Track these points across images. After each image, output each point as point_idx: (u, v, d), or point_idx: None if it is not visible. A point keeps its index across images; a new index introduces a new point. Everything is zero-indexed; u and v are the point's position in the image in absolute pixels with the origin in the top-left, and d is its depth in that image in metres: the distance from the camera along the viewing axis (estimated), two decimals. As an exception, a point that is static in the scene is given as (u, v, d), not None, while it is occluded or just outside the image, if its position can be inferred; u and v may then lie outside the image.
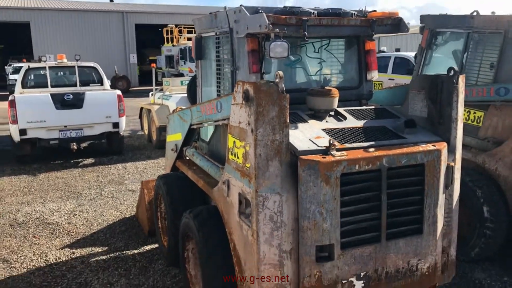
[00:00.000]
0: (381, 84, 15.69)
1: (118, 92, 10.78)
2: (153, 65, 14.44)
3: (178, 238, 4.21)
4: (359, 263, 3.07)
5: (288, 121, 2.86)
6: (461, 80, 3.38)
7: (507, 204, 4.67)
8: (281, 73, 2.79)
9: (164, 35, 31.32)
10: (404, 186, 3.16)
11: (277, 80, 2.80)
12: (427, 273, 3.31)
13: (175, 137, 5.10)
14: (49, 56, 25.11)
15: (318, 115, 3.54)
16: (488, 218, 4.61)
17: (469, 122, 5.21)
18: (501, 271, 4.82)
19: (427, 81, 3.53)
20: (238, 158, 3.12)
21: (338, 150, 3.01)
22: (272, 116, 2.82)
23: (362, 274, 3.09)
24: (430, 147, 3.21)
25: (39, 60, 11.56)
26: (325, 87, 3.51)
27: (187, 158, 4.92)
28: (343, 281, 3.03)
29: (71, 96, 10.14)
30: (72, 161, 10.65)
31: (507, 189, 4.68)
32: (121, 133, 10.87)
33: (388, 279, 3.18)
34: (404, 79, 14.19)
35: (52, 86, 11.23)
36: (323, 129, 3.31)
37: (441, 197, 3.29)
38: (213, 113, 3.77)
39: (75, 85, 11.43)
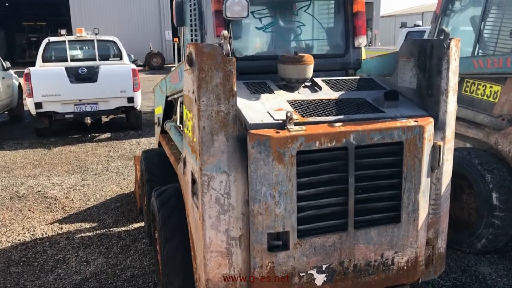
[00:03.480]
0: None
1: (133, 66, 10.63)
2: (176, 39, 14.19)
3: (151, 217, 3.95)
4: (320, 254, 2.69)
5: (235, 89, 2.48)
6: (454, 45, 2.88)
7: (521, 190, 4.13)
8: (225, 32, 2.41)
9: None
10: (377, 168, 2.74)
11: (222, 41, 2.42)
12: (405, 267, 2.90)
13: (158, 110, 4.81)
14: (87, 33, 25.45)
15: (290, 86, 3.14)
16: (497, 206, 4.09)
17: (484, 97, 4.64)
18: (510, 265, 4.30)
19: (416, 46, 3.05)
20: (189, 131, 2.78)
21: (297, 124, 2.62)
22: (216, 83, 2.45)
23: (324, 266, 2.71)
24: (410, 122, 2.76)
25: (59, 34, 11.49)
26: (298, 53, 3.08)
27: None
28: (301, 274, 2.67)
29: (85, 70, 10.06)
30: (89, 136, 10.64)
31: (521, 173, 4.13)
32: (138, 108, 10.72)
33: (356, 273, 2.79)
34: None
35: (71, 60, 11.21)
36: (288, 101, 2.91)
37: (424, 181, 2.85)
38: (177, 83, 3.44)
39: (94, 59, 11.36)
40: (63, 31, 11.60)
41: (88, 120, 10.16)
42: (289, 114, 2.58)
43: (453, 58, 2.88)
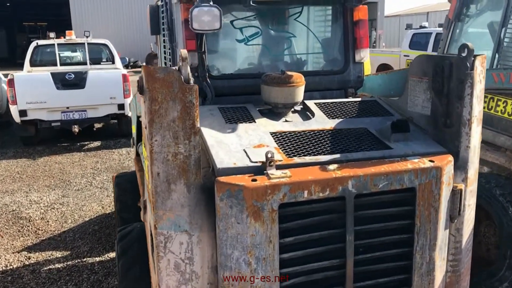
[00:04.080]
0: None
1: (124, 71, 10.09)
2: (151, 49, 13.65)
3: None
4: (311, 331, 2.12)
5: (197, 125, 1.92)
6: (479, 64, 2.31)
7: (550, 226, 3.54)
8: (184, 52, 1.84)
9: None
10: (383, 221, 2.17)
11: (180, 64, 1.85)
12: None
13: (133, 129, 4.25)
14: (87, 33, 25.04)
15: (276, 111, 2.57)
16: (522, 245, 3.50)
17: (505, 115, 4.04)
18: (537, 313, 3.70)
19: (430, 64, 2.47)
20: (146, 173, 2.22)
21: (280, 167, 2.05)
22: (173, 117, 1.89)
23: None
24: (425, 163, 2.19)
25: (48, 37, 10.99)
26: (286, 72, 2.51)
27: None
28: None
29: (73, 76, 9.54)
30: (78, 144, 10.11)
31: (550, 207, 3.54)
32: (129, 115, 10.19)
33: None
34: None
35: (61, 64, 10.74)
36: (272, 133, 2.34)
37: (442, 235, 2.27)
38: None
39: (85, 63, 10.89)
40: (52, 34, 11.08)
41: (76, 129, 9.62)
42: (270, 155, 2.01)
43: (478, 81, 2.31)
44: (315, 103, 2.70)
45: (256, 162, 2.04)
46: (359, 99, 2.86)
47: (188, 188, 1.94)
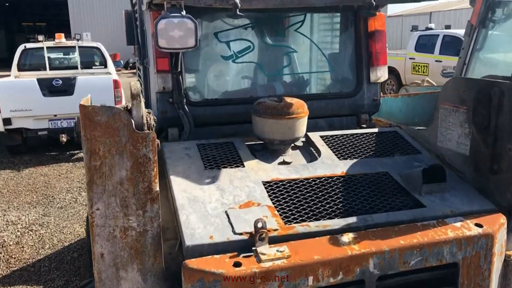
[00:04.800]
0: (426, 66, 13.78)
1: (114, 77, 9.56)
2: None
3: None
4: None
5: (156, 188, 1.35)
6: (541, 93, 1.74)
7: None
8: (135, 87, 1.28)
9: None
10: (415, 310, 1.60)
11: (129, 105, 1.29)
12: None
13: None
14: (86, 34, 24.55)
15: (271, 148, 2.01)
16: None
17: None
18: None
19: (471, 89, 1.90)
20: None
21: (274, 240, 1.48)
22: (121, 178, 1.32)
23: None
24: (471, 228, 1.62)
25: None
26: (283, 98, 1.95)
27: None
28: None
29: (60, 82, 9.03)
30: (67, 153, 9.58)
31: None
32: (121, 123, 9.64)
33: None
34: (454, 61, 12.32)
35: (50, 69, 10.26)
36: (265, 183, 1.78)
37: (491, 321, 1.70)
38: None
39: (76, 67, 10.41)
40: (40, 37, 10.59)
41: (64, 138, 9.11)
42: (260, 225, 1.44)
43: (539, 115, 1.74)
44: (321, 136, 2.14)
45: (241, 234, 1.48)
46: (375, 129, 2.29)
47: (143, 276, 1.38)
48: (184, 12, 1.83)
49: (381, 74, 2.52)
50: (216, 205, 1.62)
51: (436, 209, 1.71)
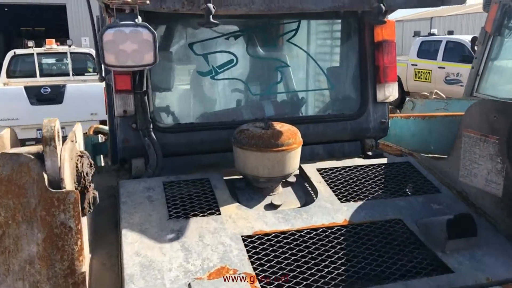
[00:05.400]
0: (429, 73, 13.48)
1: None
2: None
3: None
4: None
5: (81, 268, 0.97)
6: None
7: None
8: (48, 126, 0.90)
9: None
10: None
11: (46, 147, 0.91)
12: None
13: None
14: (85, 39, 24.25)
15: (256, 186, 1.62)
16: None
17: None
18: None
19: (506, 114, 1.51)
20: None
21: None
22: (30, 255, 0.92)
23: None
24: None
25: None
26: (271, 123, 1.57)
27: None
28: None
29: (49, 90, 8.72)
30: (56, 164, 9.17)
31: None
32: (113, 133, 9.31)
33: None
34: (457, 68, 12.03)
35: (41, 76, 10.00)
36: (246, 238, 1.39)
37: None
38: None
39: (68, 74, 10.14)
40: (30, 43, 10.29)
41: (52, 149, 8.73)
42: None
43: None
44: (319, 170, 1.76)
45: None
46: (384, 160, 1.90)
47: None
48: (139, 20, 1.46)
49: (390, 92, 2.14)
50: (178, 273, 1.23)
51: (467, 275, 1.32)
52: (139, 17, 1.53)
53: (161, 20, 1.71)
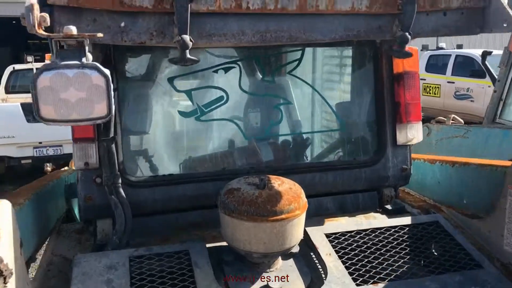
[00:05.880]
0: (438, 88, 13.22)
1: (107, 101, 9.02)
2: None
3: None
4: None
5: None
6: None
7: None
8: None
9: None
10: None
11: None
12: None
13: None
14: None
15: (251, 260, 1.28)
16: None
17: None
18: None
19: None
20: None
21: None
22: None
23: None
24: None
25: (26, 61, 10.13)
26: (268, 179, 1.24)
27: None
28: None
29: (46, 107, 8.44)
30: (54, 183, 8.86)
31: None
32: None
33: None
34: (467, 83, 11.74)
35: (42, 91, 9.79)
36: None
37: None
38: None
39: (68, 90, 9.93)
40: (29, 58, 10.12)
41: (48, 168, 8.55)
42: None
43: None
44: (328, 235, 1.42)
45: None
46: (407, 220, 1.55)
47: None
48: (88, 58, 1.14)
49: (413, 134, 1.80)
50: None
51: None
52: (89, 55, 1.21)
53: (132, 49, 1.40)
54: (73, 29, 1.26)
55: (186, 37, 1.32)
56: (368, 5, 1.58)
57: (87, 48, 1.22)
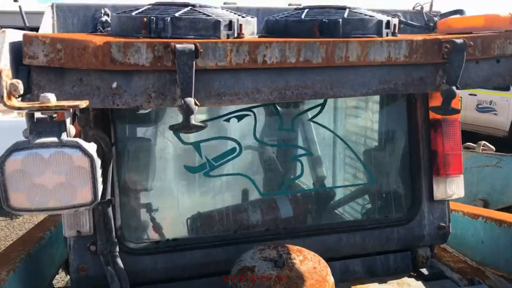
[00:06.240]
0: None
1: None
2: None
3: None
4: None
5: None
6: None
7: None
8: None
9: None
10: None
11: None
12: None
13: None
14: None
15: None
16: None
17: None
18: None
19: None
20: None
21: None
22: None
23: None
24: None
25: None
26: (288, 251, 1.03)
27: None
28: None
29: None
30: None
31: None
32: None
33: None
34: (490, 95, 11.44)
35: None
36: None
37: None
38: None
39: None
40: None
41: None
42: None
43: None
44: None
45: None
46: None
47: None
48: (70, 133, 0.95)
49: (452, 190, 1.58)
50: None
51: None
52: (71, 128, 1.01)
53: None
54: (51, 97, 1.06)
55: (191, 100, 1.12)
56: (407, 54, 1.37)
57: (68, 120, 1.03)
